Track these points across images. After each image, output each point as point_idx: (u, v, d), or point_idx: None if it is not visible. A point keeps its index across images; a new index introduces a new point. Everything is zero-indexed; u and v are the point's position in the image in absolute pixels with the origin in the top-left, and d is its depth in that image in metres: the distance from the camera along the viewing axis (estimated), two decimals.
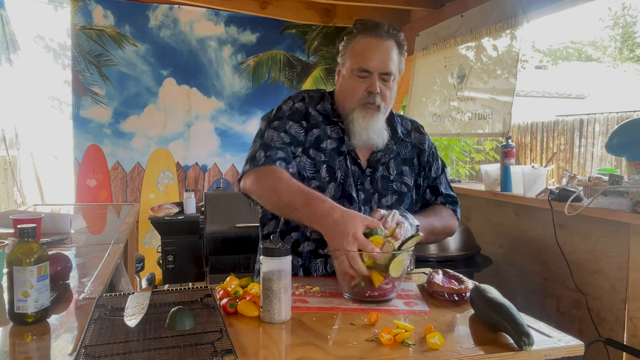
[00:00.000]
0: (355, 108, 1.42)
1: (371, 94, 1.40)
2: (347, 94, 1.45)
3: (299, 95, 1.53)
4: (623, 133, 2.28)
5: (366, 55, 1.39)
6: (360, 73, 1.40)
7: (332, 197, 1.43)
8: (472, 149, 5.06)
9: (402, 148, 1.55)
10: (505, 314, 0.97)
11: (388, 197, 1.49)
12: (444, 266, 2.03)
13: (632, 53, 16.60)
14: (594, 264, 2.23)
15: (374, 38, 1.40)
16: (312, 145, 1.46)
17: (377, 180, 1.49)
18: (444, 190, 1.58)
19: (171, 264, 3.50)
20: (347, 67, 1.44)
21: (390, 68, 1.41)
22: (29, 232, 1.05)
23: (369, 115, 1.41)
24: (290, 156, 1.42)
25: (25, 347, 0.97)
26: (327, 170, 1.45)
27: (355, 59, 1.41)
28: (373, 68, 1.39)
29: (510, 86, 2.76)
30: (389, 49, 1.41)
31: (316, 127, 1.47)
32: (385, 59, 1.40)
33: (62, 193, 4.17)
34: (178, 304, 1.09)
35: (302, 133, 1.46)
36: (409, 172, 1.54)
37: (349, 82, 1.44)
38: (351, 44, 1.44)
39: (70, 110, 3.82)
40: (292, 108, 1.49)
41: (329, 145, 1.46)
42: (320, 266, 1.46)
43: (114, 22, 3.81)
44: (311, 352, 0.92)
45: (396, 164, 1.52)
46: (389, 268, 1.15)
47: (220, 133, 4.14)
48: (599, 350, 2.09)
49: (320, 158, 1.45)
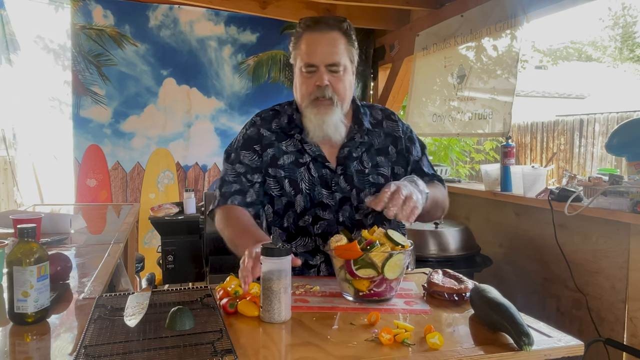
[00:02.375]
0: (308, 105, 1.43)
1: (319, 88, 1.40)
2: (300, 92, 1.46)
3: (251, 121, 1.57)
4: (623, 133, 2.28)
5: (310, 50, 1.40)
6: (308, 69, 1.41)
7: (303, 208, 1.47)
8: (472, 149, 5.06)
9: (374, 138, 1.53)
10: (505, 314, 0.97)
11: (366, 191, 1.49)
12: (444, 266, 2.02)
13: (632, 53, 16.60)
14: (594, 264, 2.23)
15: (316, 32, 1.41)
16: (270, 165, 1.49)
17: (352, 176, 1.48)
18: (428, 170, 1.57)
19: (171, 264, 3.50)
20: (297, 66, 1.45)
21: (336, 59, 1.40)
22: (29, 232, 1.05)
23: (322, 111, 1.41)
24: (245, 186, 1.48)
25: (25, 347, 0.97)
26: (290, 184, 1.48)
27: (301, 56, 1.42)
28: (318, 61, 1.39)
29: (511, 86, 2.76)
30: (333, 40, 1.40)
31: (270, 147, 1.50)
32: (330, 50, 1.39)
33: (62, 193, 4.16)
34: (178, 304, 1.09)
35: (256, 158, 1.50)
36: (385, 162, 1.53)
37: (299, 80, 1.45)
38: (297, 42, 1.45)
39: (70, 110, 3.82)
40: (244, 136, 1.54)
41: (286, 161, 1.49)
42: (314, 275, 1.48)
43: (114, 22, 3.80)
44: (311, 352, 0.92)
45: (370, 156, 1.51)
46: (384, 269, 1.15)
47: (220, 133, 4.14)
48: (599, 350, 2.09)
49: (280, 175, 1.48)
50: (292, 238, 1.49)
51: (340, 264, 1.19)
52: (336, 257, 1.19)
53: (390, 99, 4.17)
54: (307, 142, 1.48)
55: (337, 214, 1.47)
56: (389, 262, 1.15)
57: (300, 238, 1.48)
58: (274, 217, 1.51)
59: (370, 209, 1.45)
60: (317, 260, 1.47)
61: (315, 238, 1.48)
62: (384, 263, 1.15)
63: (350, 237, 1.24)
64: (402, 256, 1.17)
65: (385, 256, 1.15)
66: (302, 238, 1.48)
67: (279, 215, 1.49)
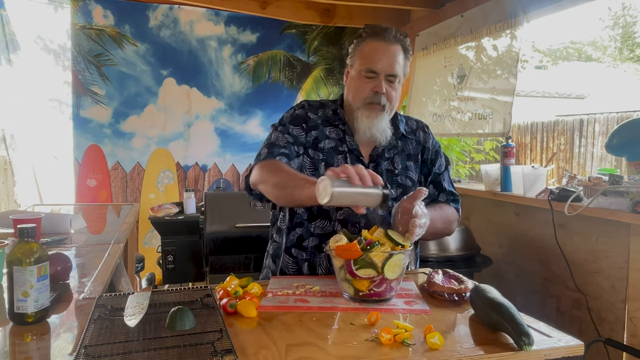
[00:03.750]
0: (361, 107, 1.50)
1: (377, 94, 1.48)
2: (355, 93, 1.52)
3: (299, 104, 1.64)
4: (623, 133, 2.28)
5: (374, 57, 1.48)
6: (368, 74, 1.48)
7: None
8: (472, 149, 5.06)
9: (407, 144, 1.62)
10: (505, 314, 0.97)
11: (393, 190, 1.52)
12: (444, 266, 2.02)
13: (632, 53, 16.60)
14: (594, 264, 2.23)
15: (382, 42, 1.49)
16: (311, 146, 1.55)
17: (382, 174, 1.53)
18: (447, 187, 1.64)
19: (171, 264, 3.50)
20: (356, 68, 1.52)
21: (396, 70, 1.49)
22: (29, 232, 1.05)
23: (374, 115, 1.49)
24: (292, 153, 1.51)
25: (25, 347, 0.97)
26: (326, 168, 1.49)
27: (363, 60, 1.49)
28: (380, 69, 1.47)
29: (511, 86, 2.76)
30: (395, 52, 1.49)
31: (314, 129, 1.57)
32: (391, 62, 1.48)
33: (62, 193, 4.16)
34: (178, 304, 1.09)
35: (303, 135, 1.56)
36: (414, 168, 1.61)
37: (357, 82, 1.52)
38: (360, 46, 1.52)
39: (70, 110, 3.82)
40: (292, 115, 1.60)
41: (327, 145, 1.55)
42: (325, 260, 1.50)
43: (114, 22, 3.80)
44: (311, 352, 0.92)
45: (401, 159, 1.59)
46: (384, 269, 1.15)
47: (220, 133, 4.14)
48: (599, 350, 2.09)
49: (318, 157, 1.54)
50: (313, 218, 1.53)
51: (340, 264, 1.19)
52: (336, 257, 1.20)
53: None
54: (348, 134, 1.55)
55: None
56: (389, 262, 1.15)
57: (320, 220, 1.52)
58: None
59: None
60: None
61: (335, 223, 1.52)
62: (384, 263, 1.15)
63: (350, 237, 1.25)
64: (402, 256, 1.17)
65: (385, 256, 1.15)
66: (322, 220, 1.52)
67: None
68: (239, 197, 3.43)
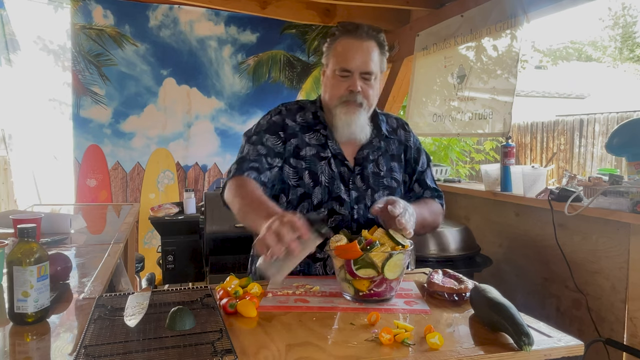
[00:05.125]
0: (338, 105, 1.48)
1: (352, 93, 1.45)
2: (331, 93, 1.50)
3: (277, 109, 1.59)
4: (623, 133, 2.28)
5: (347, 56, 1.45)
6: (342, 73, 1.46)
7: (320, 200, 1.49)
8: (472, 149, 5.06)
9: (389, 145, 1.60)
10: (505, 314, 0.97)
11: (380, 192, 1.54)
12: (444, 266, 2.03)
13: (632, 53, 16.61)
14: (594, 264, 2.23)
15: (354, 39, 1.46)
16: (292, 155, 1.51)
17: (368, 177, 1.53)
18: (430, 184, 1.65)
19: (171, 264, 3.50)
20: (330, 68, 1.50)
21: (371, 67, 1.46)
22: (29, 232, 1.05)
23: (351, 111, 1.47)
24: (263, 166, 1.47)
25: (25, 347, 0.97)
26: (310, 176, 1.50)
27: (337, 59, 1.47)
28: (354, 68, 1.44)
29: (511, 86, 2.76)
30: (369, 49, 1.46)
31: (294, 137, 1.52)
32: (365, 59, 1.45)
33: (62, 193, 4.16)
34: (178, 304, 1.09)
35: (280, 144, 1.51)
36: (398, 168, 1.60)
37: (332, 82, 1.49)
38: (333, 45, 1.49)
39: (70, 110, 3.82)
40: (269, 121, 1.55)
41: (309, 153, 1.52)
42: (320, 269, 1.49)
43: (113, 22, 3.80)
44: (311, 352, 0.92)
45: (385, 160, 1.58)
46: (384, 269, 1.15)
47: (220, 133, 4.14)
48: (599, 350, 2.09)
49: (301, 165, 1.51)
50: None
51: (340, 264, 1.19)
52: (336, 257, 1.20)
53: (390, 99, 4.17)
54: (330, 139, 1.52)
55: (352, 210, 1.50)
56: (389, 262, 1.15)
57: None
58: (286, 206, 1.52)
59: None
60: (324, 254, 1.48)
61: None
62: (384, 263, 1.15)
63: (350, 237, 1.25)
64: (402, 256, 1.17)
65: (385, 256, 1.15)
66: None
67: (292, 206, 1.51)
68: None
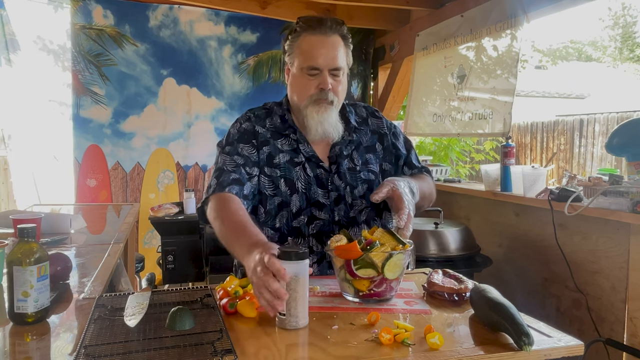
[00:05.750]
0: (308, 104, 1.44)
1: (323, 91, 1.42)
2: (300, 93, 1.46)
3: (245, 116, 1.55)
4: (623, 133, 2.28)
5: (314, 53, 1.41)
6: (310, 71, 1.42)
7: (299, 208, 1.46)
8: (472, 149, 5.06)
9: (362, 136, 1.56)
10: (505, 314, 0.97)
11: (359, 188, 1.51)
12: (444, 266, 2.02)
13: (632, 53, 16.61)
14: (594, 264, 2.23)
15: (319, 35, 1.42)
16: (266, 164, 1.48)
17: (344, 174, 1.50)
18: (416, 163, 1.62)
19: (171, 264, 3.49)
20: (297, 66, 1.45)
21: (339, 63, 1.42)
22: (29, 232, 1.05)
23: (322, 109, 1.43)
24: (244, 177, 1.43)
25: (25, 347, 0.97)
26: (286, 184, 1.47)
27: (303, 57, 1.43)
28: (322, 65, 1.41)
29: (511, 86, 2.76)
30: (335, 44, 1.42)
31: (266, 145, 1.49)
32: (333, 55, 1.41)
33: (62, 193, 4.16)
34: (178, 304, 1.09)
35: (254, 152, 1.48)
36: (374, 159, 1.56)
37: (300, 80, 1.45)
38: (297, 42, 1.45)
39: (70, 110, 3.82)
40: (239, 130, 1.51)
41: (282, 159, 1.48)
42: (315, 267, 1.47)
43: (113, 21, 3.80)
44: (311, 352, 0.92)
45: (360, 153, 1.54)
46: (384, 269, 1.15)
47: (220, 133, 4.14)
48: (599, 350, 2.09)
49: (276, 174, 1.47)
50: (284, 239, 1.47)
51: (340, 264, 1.19)
52: (336, 257, 1.20)
53: (390, 99, 4.17)
54: (301, 142, 1.49)
55: (332, 213, 1.48)
56: (389, 262, 1.15)
57: (292, 239, 1.47)
58: (265, 217, 1.49)
59: (364, 206, 1.50)
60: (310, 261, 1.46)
61: (309, 238, 1.47)
62: (384, 263, 1.15)
63: (350, 237, 1.25)
64: (402, 256, 1.17)
65: (385, 256, 1.15)
66: (294, 239, 1.48)
67: (270, 215, 1.48)
68: None
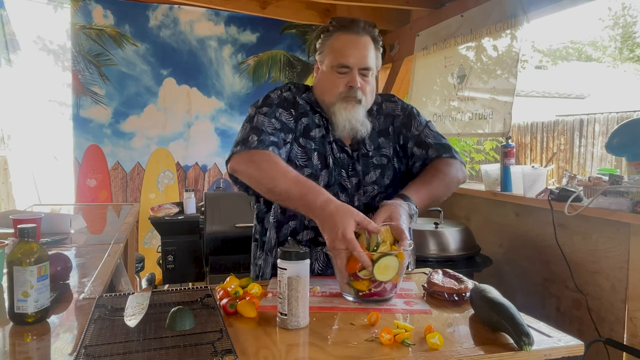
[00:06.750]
0: (337, 102, 1.45)
1: (352, 89, 1.43)
2: (328, 89, 1.47)
3: (286, 86, 1.56)
4: (623, 133, 2.28)
5: (345, 52, 1.43)
6: (340, 69, 1.44)
7: (325, 184, 1.46)
8: (472, 149, 5.06)
9: (375, 121, 1.55)
10: (505, 314, 0.97)
11: (372, 173, 1.51)
12: (444, 266, 2.03)
13: (632, 53, 16.60)
14: (594, 264, 2.23)
15: (351, 34, 1.44)
16: (302, 134, 1.48)
17: (358, 160, 1.50)
18: (433, 141, 1.55)
19: (171, 264, 3.50)
20: (327, 64, 1.46)
21: (369, 63, 1.44)
22: (29, 232, 1.05)
23: (350, 107, 1.44)
24: (281, 142, 1.42)
25: (25, 347, 0.97)
26: (319, 158, 1.47)
27: (334, 55, 1.44)
28: (353, 64, 1.43)
29: (511, 86, 2.76)
30: (366, 44, 1.45)
31: (304, 116, 1.49)
32: (363, 55, 1.43)
33: (62, 193, 4.16)
34: (178, 304, 1.09)
35: (292, 120, 1.47)
36: (386, 143, 1.55)
37: (329, 78, 1.46)
38: (329, 40, 1.47)
39: (70, 110, 3.82)
40: (280, 96, 1.51)
41: (318, 134, 1.49)
42: (321, 254, 1.46)
43: (113, 21, 3.81)
44: (311, 352, 0.92)
45: (372, 138, 1.53)
46: (373, 270, 1.13)
47: (220, 133, 4.14)
48: (599, 350, 2.09)
49: (310, 146, 1.47)
50: None
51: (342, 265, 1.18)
52: (336, 257, 1.19)
53: None
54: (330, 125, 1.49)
55: (352, 197, 1.47)
56: (377, 264, 1.13)
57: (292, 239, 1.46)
58: None
59: (376, 191, 1.49)
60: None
61: None
62: (374, 263, 1.13)
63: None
64: (394, 259, 1.15)
65: (377, 256, 1.14)
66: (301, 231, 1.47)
67: None
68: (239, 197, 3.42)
